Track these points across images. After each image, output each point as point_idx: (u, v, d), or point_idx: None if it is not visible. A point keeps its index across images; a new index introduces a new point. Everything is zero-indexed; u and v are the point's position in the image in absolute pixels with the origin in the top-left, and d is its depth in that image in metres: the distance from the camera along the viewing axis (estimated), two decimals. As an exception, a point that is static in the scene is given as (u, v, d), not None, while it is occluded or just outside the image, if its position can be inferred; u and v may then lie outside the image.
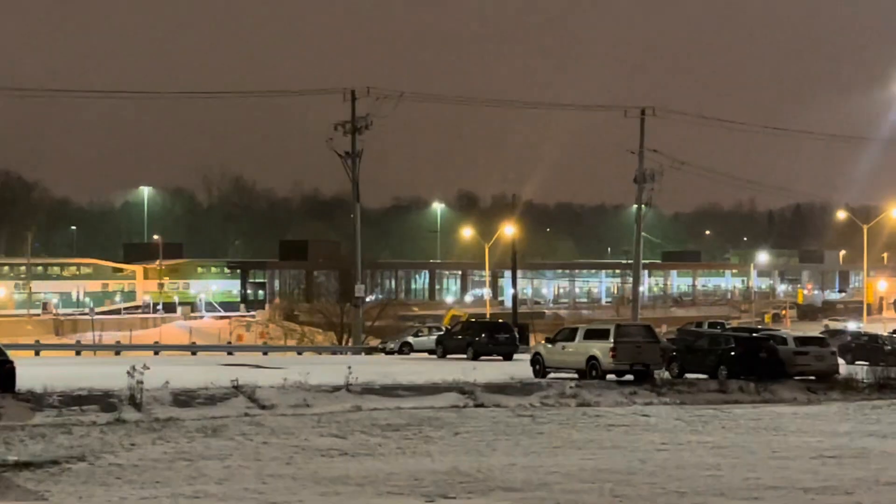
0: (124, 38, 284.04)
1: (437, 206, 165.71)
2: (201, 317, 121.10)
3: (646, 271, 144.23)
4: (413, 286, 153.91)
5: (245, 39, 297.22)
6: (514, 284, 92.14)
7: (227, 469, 21.67)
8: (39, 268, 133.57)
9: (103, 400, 30.59)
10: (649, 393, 38.99)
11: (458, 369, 43.35)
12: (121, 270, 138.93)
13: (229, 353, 70.22)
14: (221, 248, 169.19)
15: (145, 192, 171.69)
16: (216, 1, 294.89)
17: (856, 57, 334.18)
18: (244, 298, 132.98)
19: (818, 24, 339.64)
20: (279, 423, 28.47)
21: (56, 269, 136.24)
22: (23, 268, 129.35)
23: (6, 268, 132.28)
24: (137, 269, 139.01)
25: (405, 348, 72.64)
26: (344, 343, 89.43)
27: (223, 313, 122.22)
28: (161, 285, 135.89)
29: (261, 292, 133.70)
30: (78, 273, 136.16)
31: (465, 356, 60.88)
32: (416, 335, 74.90)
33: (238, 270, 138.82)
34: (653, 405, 36.63)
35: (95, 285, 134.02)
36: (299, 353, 77.09)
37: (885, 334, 69.17)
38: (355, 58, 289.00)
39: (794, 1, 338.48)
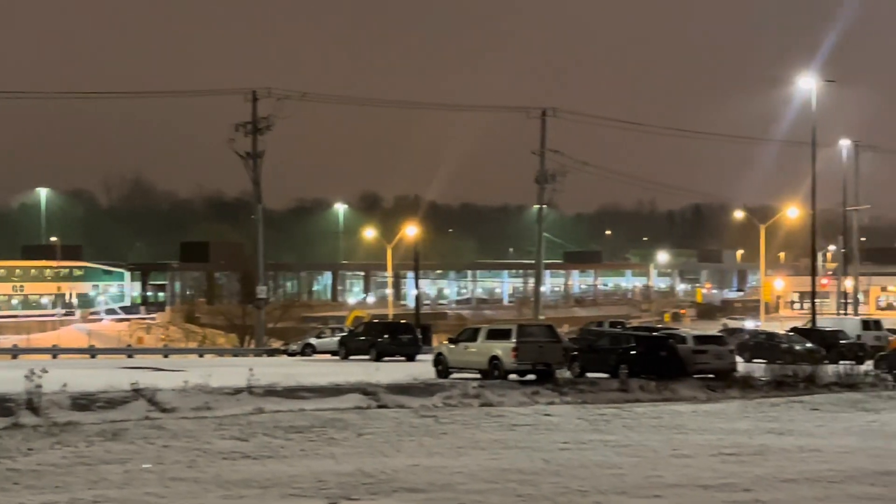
0: (21, 37, 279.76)
1: (340, 207, 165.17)
2: (101, 319, 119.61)
3: (548, 271, 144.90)
4: (316, 287, 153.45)
5: (146, 39, 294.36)
6: (417, 285, 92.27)
7: (127, 473, 21.41)
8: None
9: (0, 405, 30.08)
10: (551, 392, 39.20)
11: (361, 370, 43.29)
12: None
13: (129, 356, 69.39)
14: (122, 250, 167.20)
15: (42, 193, 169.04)
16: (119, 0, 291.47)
17: (755, 58, 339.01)
18: (144, 301, 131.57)
19: (719, 25, 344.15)
20: (180, 427, 28.17)
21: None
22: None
23: None
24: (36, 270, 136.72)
25: (308, 350, 72.40)
26: (246, 345, 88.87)
27: (123, 316, 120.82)
28: (59, 288, 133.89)
29: (161, 294, 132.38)
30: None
31: (368, 357, 60.84)
32: (318, 336, 74.68)
33: (138, 272, 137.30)
34: (555, 405, 36.82)
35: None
36: (201, 356, 76.42)
37: (783, 332, 70.13)
38: (258, 58, 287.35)
39: (695, 3, 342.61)
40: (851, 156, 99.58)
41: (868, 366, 54.68)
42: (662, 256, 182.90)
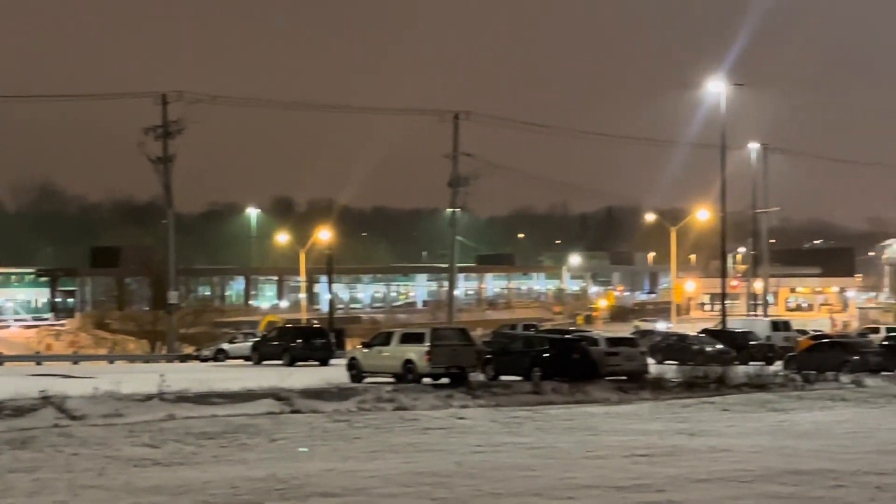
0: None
1: (253, 212, 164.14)
2: (8, 326, 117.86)
3: (461, 275, 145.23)
4: (229, 292, 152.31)
5: (56, 42, 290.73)
6: (330, 289, 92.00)
7: (36, 482, 21.08)
8: None
9: None
10: (465, 396, 39.24)
11: (274, 375, 43.09)
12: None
13: (38, 363, 68.43)
14: (30, 255, 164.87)
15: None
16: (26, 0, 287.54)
17: (668, 61, 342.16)
18: (53, 307, 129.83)
19: (631, 29, 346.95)
20: (90, 434, 27.82)
21: None
22: None
23: None
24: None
25: (220, 355, 71.94)
26: (157, 351, 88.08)
27: (31, 322, 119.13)
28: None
29: (71, 300, 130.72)
30: None
31: (281, 362, 60.61)
32: (231, 342, 74.26)
33: (47, 278, 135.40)
34: (469, 408, 36.86)
35: None
36: (111, 362, 75.61)
37: (694, 334, 70.87)
38: (169, 62, 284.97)
39: (608, 7, 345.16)
40: (760, 158, 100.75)
41: (777, 366, 55.50)
42: (575, 259, 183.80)
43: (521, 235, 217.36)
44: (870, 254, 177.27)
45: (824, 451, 25.58)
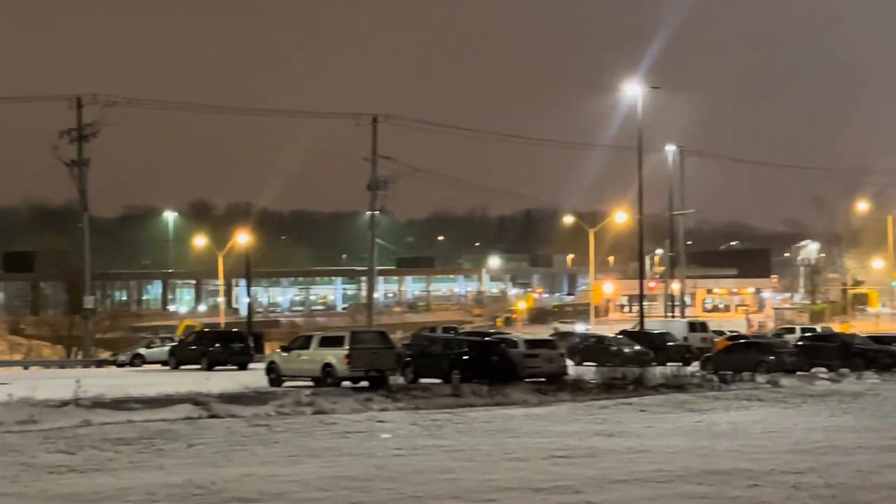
0: None
1: (170, 215, 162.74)
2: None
3: (381, 277, 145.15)
4: (146, 296, 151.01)
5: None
6: (249, 293, 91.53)
7: (-52, 490, 20.75)
8: None
9: None
10: (384, 399, 39.17)
11: (192, 380, 42.79)
12: None
13: (-49, 370, 67.42)
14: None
15: None
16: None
17: (586, 64, 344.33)
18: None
19: (551, 31, 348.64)
20: (4, 441, 27.44)
21: None
22: None
23: None
24: None
25: (137, 360, 71.31)
26: (73, 356, 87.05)
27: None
28: None
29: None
30: None
31: (199, 366, 60.20)
32: (148, 346, 73.62)
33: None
34: (388, 411, 36.80)
35: None
36: (26, 368, 74.60)
37: (612, 335, 71.27)
38: (84, 65, 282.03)
39: (527, 10, 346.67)
40: (677, 161, 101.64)
41: (695, 367, 55.97)
42: (494, 261, 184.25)
43: (440, 238, 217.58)
44: (785, 255, 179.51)
45: (741, 451, 25.82)
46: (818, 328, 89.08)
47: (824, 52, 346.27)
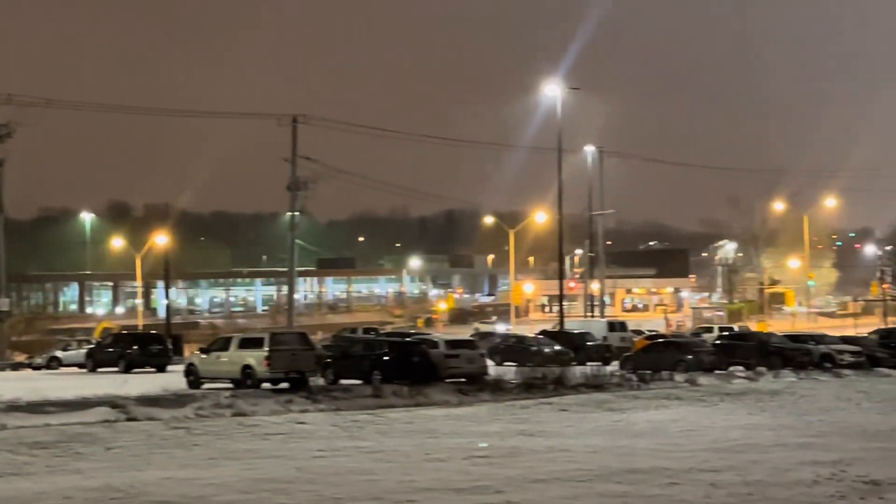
0: None
1: (87, 216, 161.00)
2: None
3: (301, 279, 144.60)
4: (63, 299, 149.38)
5: None
6: (167, 295, 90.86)
7: None
8: None
9: None
10: (305, 400, 39.04)
11: (110, 383, 42.32)
12: None
13: None
14: None
15: None
16: None
17: (507, 65, 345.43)
18: None
19: (472, 32, 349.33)
20: (-83, 446, 26.98)
21: None
22: None
23: None
24: None
25: (54, 363, 70.58)
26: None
27: None
28: None
29: None
30: None
31: (116, 369, 59.64)
32: (65, 349, 72.88)
33: None
34: (309, 412, 36.69)
35: None
36: (-61, 372, 73.47)
37: (532, 335, 71.55)
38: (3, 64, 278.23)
39: (448, 11, 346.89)
40: (596, 161, 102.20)
41: (614, 366, 56.30)
42: (415, 262, 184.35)
43: (361, 239, 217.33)
44: (703, 255, 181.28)
45: (659, 450, 26.00)
46: (736, 327, 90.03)
47: (741, 53, 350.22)
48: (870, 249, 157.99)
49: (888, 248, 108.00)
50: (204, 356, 46.75)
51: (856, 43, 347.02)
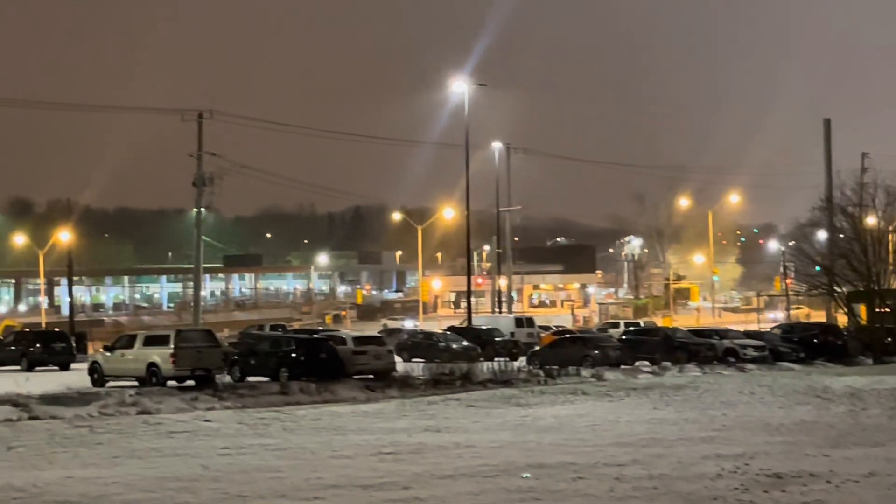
0: None
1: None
2: None
3: (207, 275, 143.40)
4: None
5: None
6: (71, 292, 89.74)
7: None
8: None
9: None
10: (211, 398, 38.80)
11: (11, 381, 41.69)
12: None
13: None
14: None
15: None
16: None
17: (416, 61, 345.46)
18: None
19: (381, 28, 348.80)
20: None
21: None
22: None
23: None
24: None
25: (-46, 362, 69.25)
26: None
27: None
28: None
29: None
30: None
31: (18, 367, 58.81)
32: (-35, 348, 71.56)
33: None
34: (215, 410, 36.45)
35: None
36: None
37: (440, 332, 71.64)
38: None
39: (356, 6, 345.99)
40: (504, 158, 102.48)
41: (521, 362, 56.55)
42: (323, 258, 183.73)
43: (268, 235, 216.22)
44: (610, 251, 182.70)
45: (565, 445, 26.13)
46: (641, 322, 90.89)
47: (648, 51, 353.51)
48: (773, 245, 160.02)
49: (791, 243, 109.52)
50: (108, 354, 46.27)
51: (752, 40, 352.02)
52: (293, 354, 46.10)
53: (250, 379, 45.28)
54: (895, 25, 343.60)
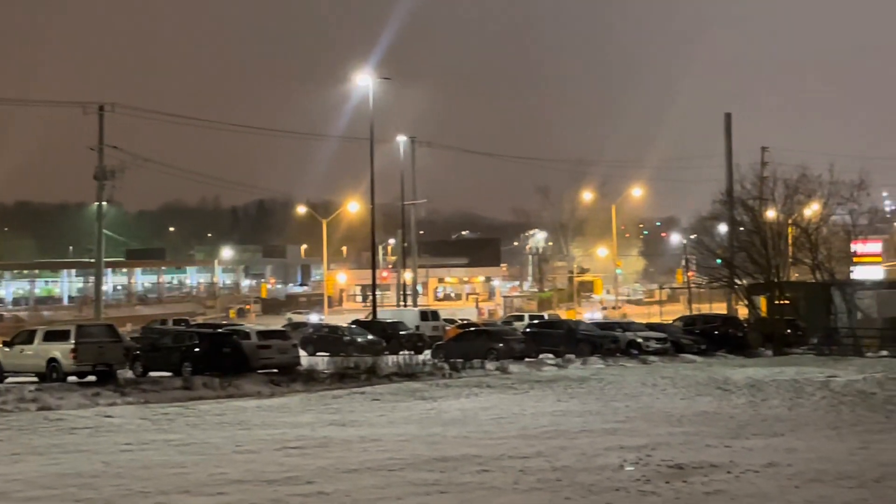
0: None
1: None
2: None
3: (109, 270, 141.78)
4: None
5: None
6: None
7: None
8: None
9: None
10: (113, 393, 38.41)
11: None
12: None
13: None
14: None
15: None
16: None
17: (322, 55, 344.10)
18: None
19: (288, 21, 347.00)
20: None
21: None
22: None
23: None
24: None
25: None
26: None
27: None
28: None
29: None
30: None
31: None
32: None
33: None
34: (117, 406, 36.08)
35: None
36: None
37: (345, 325, 71.51)
38: None
39: (258, 1, 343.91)
40: (409, 151, 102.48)
41: (426, 355, 56.64)
42: (227, 252, 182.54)
43: (172, 229, 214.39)
44: (514, 244, 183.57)
45: (470, 438, 26.21)
46: (546, 315, 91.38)
47: (550, 46, 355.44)
48: (675, 238, 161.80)
49: (693, 236, 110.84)
50: (7, 349, 45.61)
51: (655, 34, 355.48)
52: (196, 349, 45.80)
53: (153, 374, 44.93)
54: (796, 20, 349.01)
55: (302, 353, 53.69)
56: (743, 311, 76.90)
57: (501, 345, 56.43)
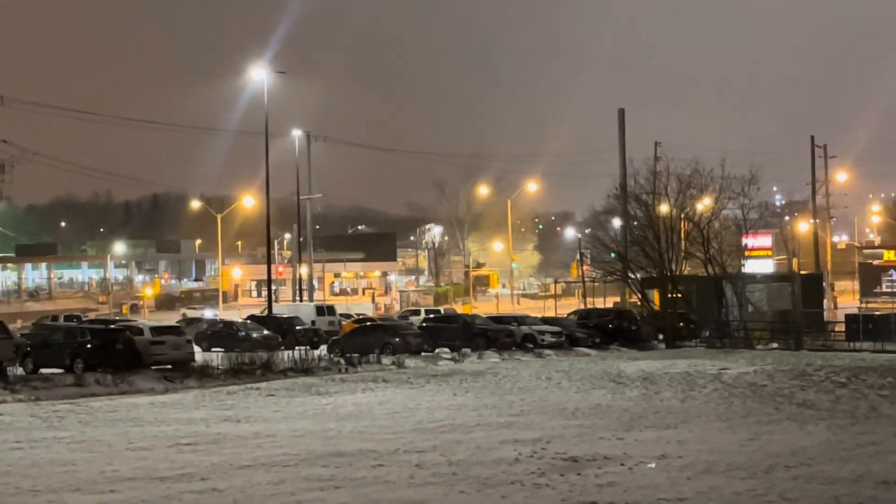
0: None
1: None
2: None
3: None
4: None
5: None
6: None
7: None
8: None
9: None
10: (2, 391, 37.91)
11: None
12: None
13: None
14: None
15: None
16: None
17: (215, 49, 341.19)
18: None
19: (180, 15, 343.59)
20: None
21: None
22: None
23: None
24: None
25: None
26: None
27: None
28: None
29: None
30: None
31: None
32: None
33: None
34: (7, 403, 35.55)
35: None
36: None
37: (240, 321, 71.02)
38: None
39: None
40: (304, 146, 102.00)
41: (322, 350, 56.47)
42: (120, 247, 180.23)
43: (63, 224, 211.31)
44: (410, 238, 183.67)
45: (366, 433, 26.19)
46: (442, 310, 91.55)
47: (451, 42, 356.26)
48: (570, 232, 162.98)
49: (587, 230, 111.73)
50: None
51: (551, 29, 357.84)
52: (88, 345, 45.24)
53: (44, 371, 44.27)
54: (691, 17, 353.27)
55: (196, 349, 53.24)
56: (633, 304, 77.62)
57: (398, 339, 56.44)
